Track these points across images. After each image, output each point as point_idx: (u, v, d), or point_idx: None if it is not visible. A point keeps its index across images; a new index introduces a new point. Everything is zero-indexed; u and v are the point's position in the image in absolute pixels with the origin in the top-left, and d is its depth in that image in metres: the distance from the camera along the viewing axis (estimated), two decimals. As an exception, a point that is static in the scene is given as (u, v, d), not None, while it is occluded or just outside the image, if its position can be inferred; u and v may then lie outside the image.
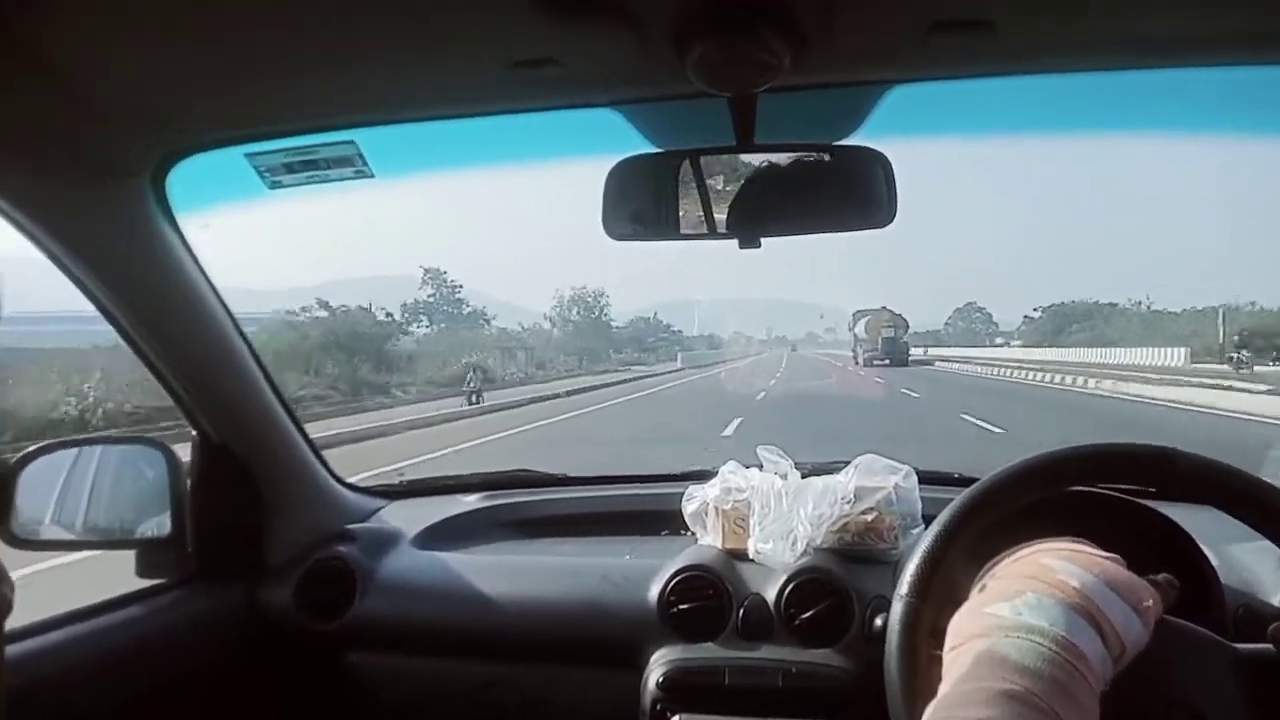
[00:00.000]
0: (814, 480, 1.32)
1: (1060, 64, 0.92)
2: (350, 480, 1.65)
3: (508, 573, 1.39)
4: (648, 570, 1.30)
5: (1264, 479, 0.79)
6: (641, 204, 1.01)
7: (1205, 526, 1.09)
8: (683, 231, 1.00)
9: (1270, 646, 0.74)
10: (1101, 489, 1.09)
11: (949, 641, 0.70)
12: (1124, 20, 0.82)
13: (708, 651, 1.22)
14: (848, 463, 1.35)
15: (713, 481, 1.37)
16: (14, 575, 0.66)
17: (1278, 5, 0.79)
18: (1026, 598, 0.67)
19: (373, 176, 1.11)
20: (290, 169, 1.10)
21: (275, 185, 1.12)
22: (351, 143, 1.06)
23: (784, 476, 1.35)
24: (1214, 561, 1.09)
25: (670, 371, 35.47)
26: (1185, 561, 1.06)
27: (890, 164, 0.96)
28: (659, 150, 1.01)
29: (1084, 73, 0.91)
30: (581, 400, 18.86)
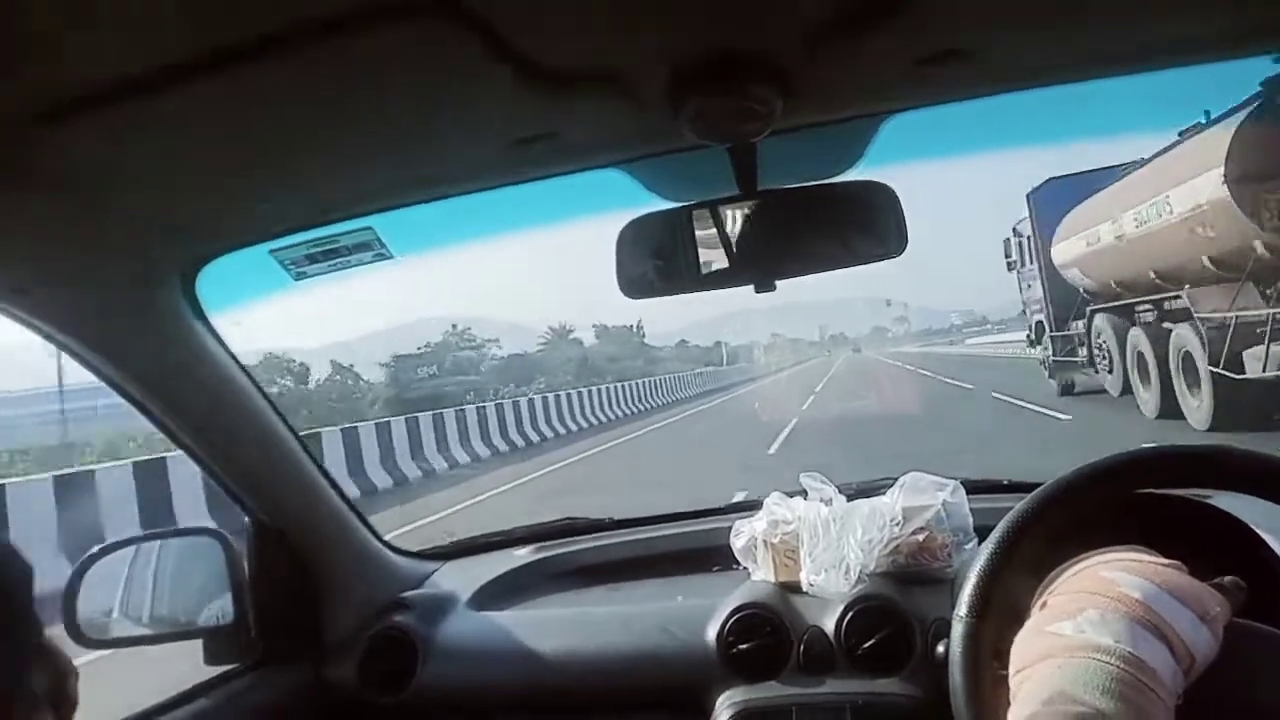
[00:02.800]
0: (860, 504, 1.31)
1: (1044, 80, 0.93)
2: (401, 546, 1.67)
3: (565, 627, 1.40)
4: (703, 611, 1.29)
5: None
6: (653, 260, 1.02)
7: (1263, 511, 1.06)
8: (697, 283, 1.01)
9: None
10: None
11: (1014, 664, 0.69)
12: (1093, 36, 0.84)
13: (772, 690, 1.21)
14: (893, 480, 1.34)
15: (759, 515, 1.37)
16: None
17: (1233, 6, 0.80)
18: (1089, 614, 0.66)
19: (392, 257, 1.14)
20: (313, 259, 1.13)
21: (300, 276, 1.16)
22: (369, 229, 1.09)
23: (829, 503, 1.34)
24: (1277, 549, 1.05)
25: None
26: (1248, 556, 1.03)
27: (895, 194, 0.97)
28: (666, 205, 1.03)
29: (1070, 84, 0.93)
30: None
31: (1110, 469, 0.83)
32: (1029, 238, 13.79)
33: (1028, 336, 15.24)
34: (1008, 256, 15.18)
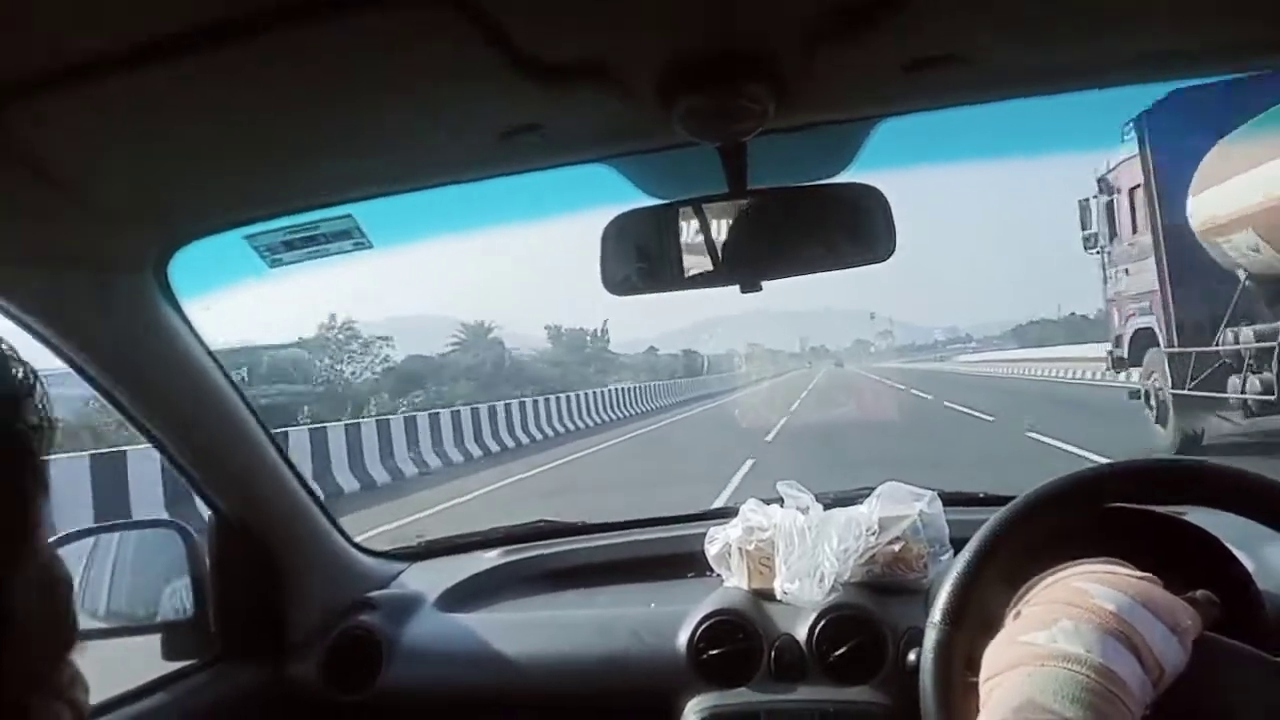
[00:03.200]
0: (836, 513, 1.31)
1: (1036, 88, 0.93)
2: (370, 546, 1.65)
3: (533, 630, 1.38)
4: (675, 617, 1.29)
5: None
6: (639, 257, 1.01)
7: (1237, 527, 1.07)
8: (682, 281, 1.00)
9: None
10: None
11: (985, 672, 0.70)
12: (1087, 45, 0.84)
13: (742, 697, 1.21)
14: (870, 490, 1.34)
15: (734, 521, 1.37)
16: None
17: (1228, 20, 0.81)
18: (1062, 624, 0.67)
19: (371, 247, 1.12)
20: (290, 246, 1.11)
21: (275, 263, 1.14)
22: (349, 216, 1.08)
23: (805, 510, 1.33)
24: (1249, 566, 1.06)
25: None
26: (1221, 572, 1.03)
27: (885, 197, 0.97)
28: (653, 202, 1.02)
29: (1059, 93, 0.93)
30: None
31: (1087, 482, 0.84)
32: (1133, 192, 8.68)
33: (1110, 354, 10.19)
34: (1084, 229, 9.89)
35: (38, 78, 0.68)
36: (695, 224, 0.98)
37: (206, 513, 1.39)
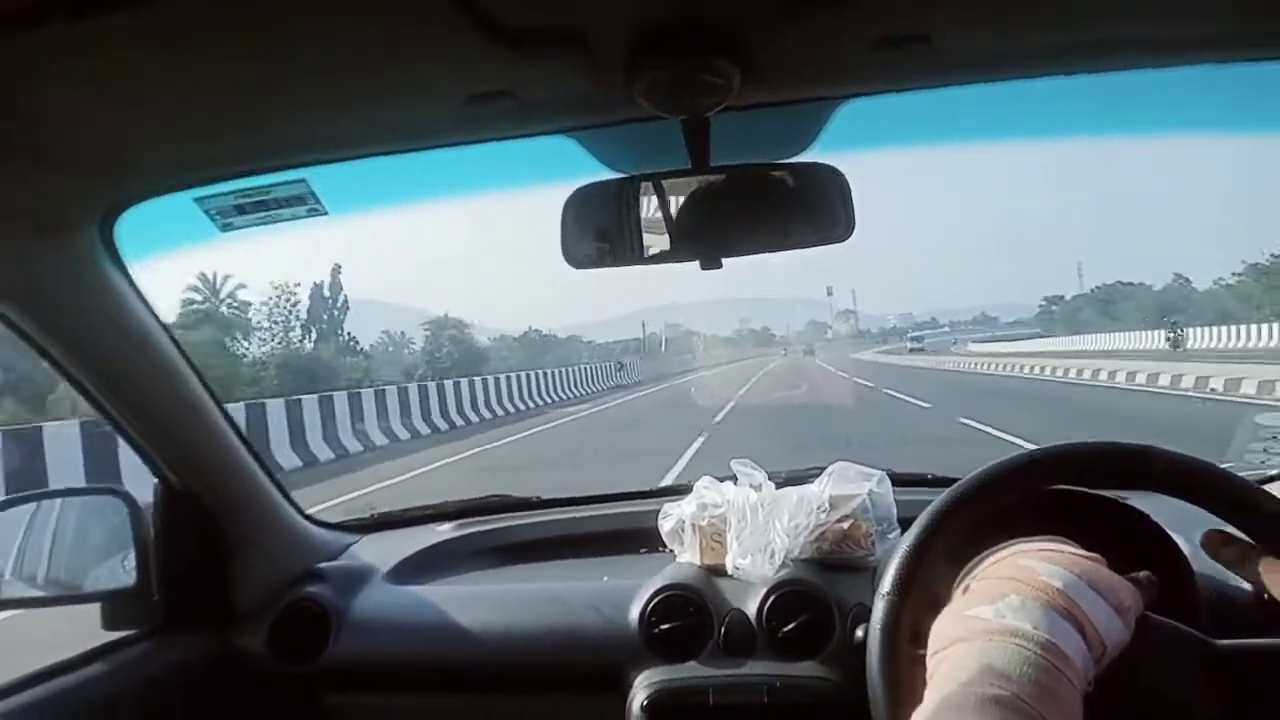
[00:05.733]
0: (789, 491, 1.33)
1: (1002, 73, 0.93)
2: (321, 517, 1.63)
3: (484, 603, 1.38)
4: (627, 591, 1.29)
5: (1236, 474, 0.81)
6: (601, 230, 1.00)
7: (1174, 511, 1.10)
8: (642, 256, 1.00)
9: (1246, 641, 0.76)
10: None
11: (932, 645, 0.71)
12: (1055, 30, 0.85)
13: (691, 671, 1.22)
14: (822, 470, 1.36)
15: (688, 498, 1.37)
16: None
17: (1203, 9, 0.82)
18: (1009, 600, 0.68)
19: (326, 214, 1.10)
20: (241, 210, 1.08)
21: (227, 227, 1.10)
22: (302, 181, 1.05)
23: (758, 488, 1.35)
24: (1185, 549, 1.10)
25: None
26: (1161, 555, 1.07)
27: (845, 179, 0.97)
28: (616, 175, 1.01)
29: (1026, 79, 0.93)
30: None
31: (1035, 463, 0.85)
32: None
33: None
34: None
35: None
36: (656, 199, 0.98)
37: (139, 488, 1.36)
